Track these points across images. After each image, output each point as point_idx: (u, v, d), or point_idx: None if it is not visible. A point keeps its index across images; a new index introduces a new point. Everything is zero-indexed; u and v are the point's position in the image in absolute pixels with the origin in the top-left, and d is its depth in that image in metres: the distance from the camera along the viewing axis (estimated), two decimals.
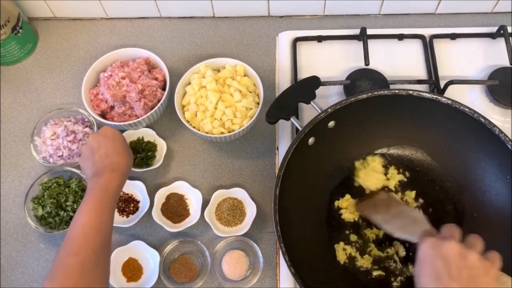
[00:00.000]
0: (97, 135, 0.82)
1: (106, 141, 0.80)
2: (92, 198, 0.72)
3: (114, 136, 0.82)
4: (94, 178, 0.75)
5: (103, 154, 0.78)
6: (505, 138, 0.73)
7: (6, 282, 0.86)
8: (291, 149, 0.74)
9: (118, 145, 0.81)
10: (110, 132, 0.82)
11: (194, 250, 0.86)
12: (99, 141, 0.80)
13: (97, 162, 0.78)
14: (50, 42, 1.09)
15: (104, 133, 0.82)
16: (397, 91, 0.77)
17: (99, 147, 0.80)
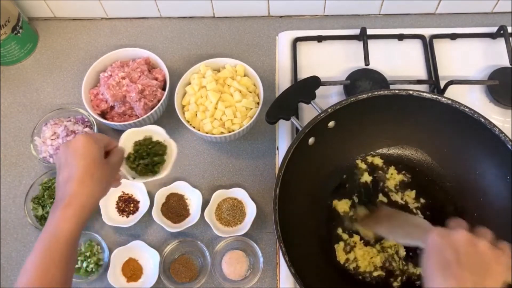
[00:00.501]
0: (65, 147, 0.64)
1: (71, 158, 0.62)
2: (37, 248, 0.58)
3: (83, 153, 0.62)
4: (49, 215, 0.61)
5: (64, 177, 0.62)
6: (505, 138, 0.73)
7: (6, 282, 0.86)
8: (291, 149, 0.74)
9: (83, 167, 0.62)
10: (79, 144, 0.63)
11: (194, 250, 0.86)
12: (65, 156, 0.63)
13: (57, 186, 0.63)
14: (50, 42, 1.09)
15: (73, 146, 0.63)
16: (397, 91, 0.77)
17: (62, 165, 0.64)
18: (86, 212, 0.61)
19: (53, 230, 0.58)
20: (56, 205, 0.61)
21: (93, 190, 0.62)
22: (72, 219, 0.59)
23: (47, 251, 0.57)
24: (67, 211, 0.59)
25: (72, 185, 0.61)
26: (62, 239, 0.58)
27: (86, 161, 0.62)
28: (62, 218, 0.59)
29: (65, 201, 0.60)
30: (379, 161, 0.88)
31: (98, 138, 0.66)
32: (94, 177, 0.62)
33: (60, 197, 0.61)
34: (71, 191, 0.60)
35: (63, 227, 0.59)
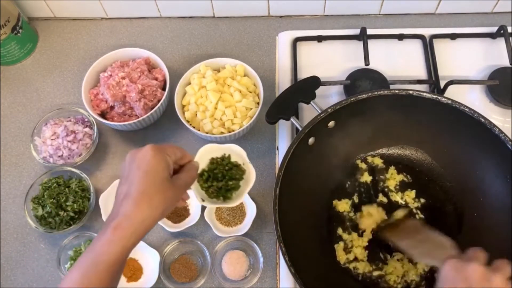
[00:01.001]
0: (133, 156, 0.59)
1: (134, 172, 0.57)
2: (78, 267, 0.54)
3: (147, 170, 0.56)
4: (100, 231, 0.56)
5: (123, 191, 0.57)
6: (505, 138, 0.73)
7: (6, 282, 0.86)
8: (291, 149, 0.74)
9: (143, 187, 0.56)
10: (146, 158, 0.57)
11: (194, 250, 0.85)
12: (130, 167, 0.58)
13: (116, 198, 0.58)
14: (50, 42, 1.09)
15: (139, 158, 0.57)
16: (397, 91, 0.77)
17: (124, 175, 0.58)
18: (136, 237, 0.55)
19: (97, 251, 0.54)
20: (109, 219, 0.56)
21: (149, 216, 0.55)
22: (119, 243, 0.54)
23: (87, 273, 0.54)
24: (116, 233, 0.54)
25: (127, 205, 0.55)
26: (104, 264, 0.53)
27: (147, 181, 0.56)
28: (108, 240, 0.54)
29: (116, 221, 0.54)
30: (379, 161, 0.88)
31: (169, 152, 0.60)
32: (153, 201, 0.56)
33: (114, 213, 0.56)
34: (125, 211, 0.55)
35: (108, 251, 0.53)
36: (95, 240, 0.55)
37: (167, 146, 0.60)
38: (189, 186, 0.62)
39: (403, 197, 0.85)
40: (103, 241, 0.54)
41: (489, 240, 0.77)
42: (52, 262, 0.87)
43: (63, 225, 0.86)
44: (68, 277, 0.54)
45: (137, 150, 0.59)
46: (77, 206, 0.87)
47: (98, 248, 0.54)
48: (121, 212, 0.55)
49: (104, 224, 0.57)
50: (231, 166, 0.67)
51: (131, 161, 0.58)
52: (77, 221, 0.87)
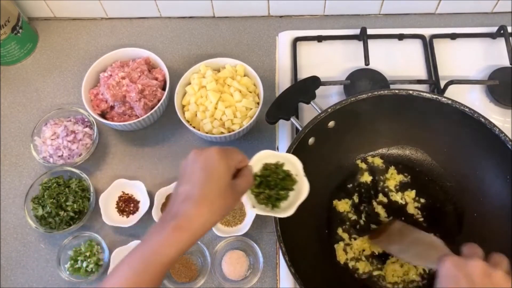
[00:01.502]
0: (196, 157, 0.58)
1: (197, 174, 0.56)
2: (130, 265, 0.53)
3: (211, 174, 0.56)
4: (155, 226, 0.55)
5: (183, 192, 0.56)
6: (505, 138, 0.73)
7: (6, 282, 0.86)
8: (291, 149, 0.74)
9: (206, 191, 0.55)
10: (211, 162, 0.56)
11: (194, 250, 0.85)
12: (192, 167, 0.57)
13: (174, 197, 0.57)
14: (50, 42, 1.09)
15: (203, 160, 0.57)
16: (397, 91, 0.77)
17: (186, 175, 0.58)
18: (192, 240, 0.55)
19: (153, 250, 0.53)
20: (165, 218, 0.55)
21: (208, 220, 0.55)
22: (176, 245, 0.53)
23: (140, 272, 0.52)
24: (175, 234, 0.53)
25: (188, 207, 0.54)
26: (159, 265, 0.53)
27: (211, 185, 0.55)
28: (166, 241, 0.53)
29: (176, 222, 0.54)
30: (379, 161, 0.88)
31: (233, 157, 0.59)
32: (214, 206, 0.55)
33: (173, 212, 0.55)
34: (185, 213, 0.54)
35: (164, 252, 0.53)
36: (150, 237, 0.54)
37: (230, 150, 0.59)
38: (245, 192, 0.61)
39: (403, 197, 0.85)
40: (161, 240, 0.53)
41: (489, 240, 0.77)
42: (52, 262, 0.87)
43: (63, 225, 0.86)
44: (118, 273, 0.53)
45: (202, 150, 0.58)
46: (77, 206, 0.87)
47: (154, 247, 0.53)
48: (181, 213, 0.54)
49: (160, 221, 0.56)
50: (284, 175, 0.66)
51: (194, 161, 0.58)
52: (77, 221, 0.87)
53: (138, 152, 0.96)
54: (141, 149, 0.96)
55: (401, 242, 0.74)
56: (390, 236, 0.77)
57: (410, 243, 0.72)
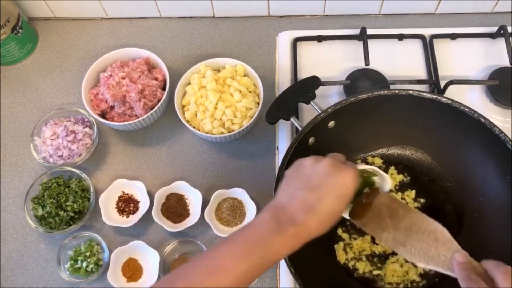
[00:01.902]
0: (330, 170, 0.57)
1: (328, 190, 0.56)
2: (245, 259, 0.53)
3: (345, 198, 0.57)
4: (270, 224, 0.55)
5: (306, 200, 0.56)
6: (505, 138, 0.73)
7: (6, 282, 0.86)
8: (291, 149, 0.74)
9: (334, 208, 0.56)
10: (346, 186, 0.56)
11: (194, 250, 0.85)
12: (325, 178, 0.57)
13: (293, 198, 0.57)
14: (50, 42, 1.09)
15: (338, 181, 0.56)
16: (397, 91, 0.77)
17: (311, 180, 0.57)
18: (301, 245, 0.56)
19: (270, 249, 0.54)
20: (283, 218, 0.55)
21: (325, 229, 0.57)
22: (289, 249, 0.55)
23: (254, 267, 0.53)
24: (292, 240, 0.55)
25: (311, 219, 0.55)
26: (269, 264, 0.55)
27: (339, 206, 0.56)
28: (283, 243, 0.54)
29: (296, 229, 0.54)
30: (379, 161, 0.88)
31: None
32: (334, 219, 0.57)
33: (290, 216, 0.55)
34: (307, 224, 0.55)
35: (278, 252, 0.55)
36: (263, 235, 0.55)
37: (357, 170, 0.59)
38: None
39: (403, 197, 0.85)
40: (278, 242, 0.54)
41: (489, 240, 0.78)
42: (52, 262, 0.87)
43: (63, 225, 0.86)
44: (232, 265, 0.53)
45: (340, 166, 0.57)
46: (77, 206, 0.87)
47: (271, 246, 0.54)
48: (302, 222, 0.55)
49: (274, 221, 0.56)
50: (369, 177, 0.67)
51: (328, 173, 0.57)
52: (77, 221, 0.87)
53: (138, 152, 0.96)
54: (141, 149, 0.96)
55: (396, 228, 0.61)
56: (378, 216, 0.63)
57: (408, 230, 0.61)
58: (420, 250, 0.59)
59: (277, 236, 0.54)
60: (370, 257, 0.82)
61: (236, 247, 0.55)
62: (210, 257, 0.54)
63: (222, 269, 0.53)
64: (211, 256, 0.54)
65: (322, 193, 0.56)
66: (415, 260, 0.60)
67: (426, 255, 0.59)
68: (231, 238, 0.56)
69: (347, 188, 0.56)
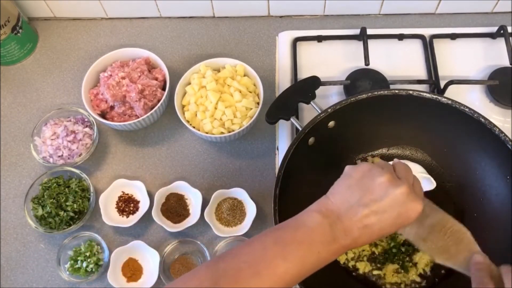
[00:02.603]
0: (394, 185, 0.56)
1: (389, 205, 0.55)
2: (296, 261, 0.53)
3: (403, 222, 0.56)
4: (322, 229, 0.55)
5: (364, 211, 0.55)
6: (505, 138, 0.73)
7: (6, 282, 0.86)
8: (291, 149, 0.74)
9: (388, 227, 0.56)
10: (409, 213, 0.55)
11: (194, 250, 0.85)
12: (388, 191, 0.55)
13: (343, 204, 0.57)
14: (50, 42, 1.09)
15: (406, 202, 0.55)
16: (397, 91, 0.77)
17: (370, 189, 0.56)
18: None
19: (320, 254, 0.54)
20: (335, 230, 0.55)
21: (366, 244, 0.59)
22: (332, 256, 0.56)
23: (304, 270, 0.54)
24: (338, 249, 0.55)
25: (364, 237, 0.56)
26: (315, 268, 0.55)
27: (393, 226, 0.56)
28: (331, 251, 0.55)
29: (347, 243, 0.55)
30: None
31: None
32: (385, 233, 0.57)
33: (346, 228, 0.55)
34: (359, 241, 0.56)
35: (329, 260, 0.56)
36: (319, 243, 0.55)
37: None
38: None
39: None
40: (329, 250, 0.55)
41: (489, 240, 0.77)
42: (52, 262, 0.87)
43: (63, 225, 0.86)
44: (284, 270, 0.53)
45: (411, 196, 0.56)
46: (77, 206, 0.87)
47: (323, 254, 0.55)
48: (356, 237, 0.55)
49: (332, 230, 0.55)
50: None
51: (392, 186, 0.55)
52: (77, 221, 0.87)
53: (138, 152, 0.96)
54: (141, 149, 0.96)
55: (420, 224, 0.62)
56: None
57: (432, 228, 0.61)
58: (441, 247, 0.60)
59: (330, 245, 0.55)
60: (370, 257, 0.82)
61: (289, 251, 0.54)
62: (257, 258, 0.53)
63: (272, 273, 0.52)
64: (258, 256, 0.53)
65: (383, 217, 0.55)
66: (434, 255, 0.61)
67: (446, 253, 0.60)
68: (281, 237, 0.55)
69: (410, 219, 0.56)
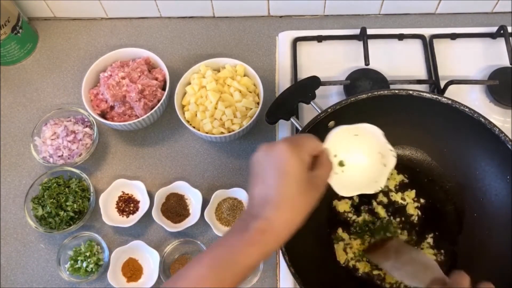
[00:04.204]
0: (266, 154, 0.54)
1: (270, 174, 0.53)
2: (209, 264, 0.51)
3: (285, 171, 0.52)
4: (234, 230, 0.53)
5: (260, 195, 0.53)
6: (505, 138, 0.73)
7: (6, 282, 0.86)
8: None
9: (283, 189, 0.52)
10: (282, 158, 0.52)
11: (194, 250, 0.85)
12: (264, 166, 0.54)
13: (251, 199, 0.54)
14: (50, 42, 1.09)
15: (274, 157, 0.53)
16: (397, 91, 0.77)
17: (258, 175, 0.54)
18: (277, 243, 0.52)
19: (236, 251, 0.50)
20: (245, 221, 0.52)
21: (292, 219, 0.52)
22: (260, 248, 0.51)
23: (222, 272, 0.50)
24: (258, 237, 0.51)
25: (269, 209, 0.51)
26: (241, 266, 0.50)
27: (287, 182, 0.52)
28: (249, 242, 0.50)
29: (259, 224, 0.51)
30: None
31: (304, 144, 0.55)
32: (295, 205, 0.52)
33: (253, 216, 0.52)
34: (267, 216, 0.51)
35: (247, 253, 0.51)
36: (230, 238, 0.52)
37: (300, 139, 0.54)
38: (326, 181, 0.57)
39: (403, 197, 0.85)
40: (244, 242, 0.51)
41: (489, 240, 0.78)
42: (52, 262, 0.87)
43: (63, 225, 0.86)
44: (195, 273, 0.50)
45: (270, 146, 0.54)
46: (77, 206, 0.87)
47: (236, 248, 0.51)
48: (263, 217, 0.51)
49: (239, 224, 0.53)
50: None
51: (265, 159, 0.53)
52: (77, 221, 0.87)
53: (138, 152, 0.96)
54: (141, 149, 0.96)
55: (396, 260, 0.73)
56: (387, 252, 0.75)
57: (405, 262, 0.71)
58: (411, 273, 0.69)
59: (240, 236, 0.51)
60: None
61: (202, 255, 0.52)
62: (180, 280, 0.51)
63: (184, 278, 0.50)
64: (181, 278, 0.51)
65: (269, 181, 0.52)
66: (405, 280, 0.70)
67: (413, 276, 0.68)
68: (201, 258, 0.52)
69: (285, 162, 0.52)
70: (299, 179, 0.52)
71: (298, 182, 0.52)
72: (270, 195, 0.52)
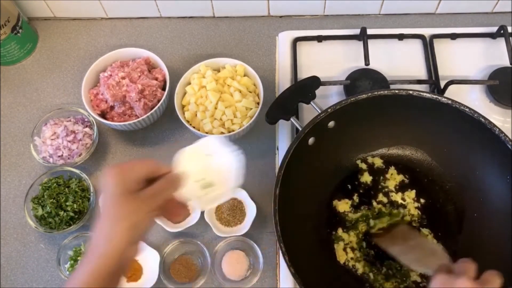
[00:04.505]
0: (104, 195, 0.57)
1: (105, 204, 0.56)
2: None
3: (104, 188, 0.56)
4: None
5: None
6: (505, 138, 0.73)
7: (6, 282, 0.86)
8: (291, 149, 0.74)
9: (103, 201, 0.56)
10: (104, 179, 0.56)
11: (194, 250, 0.85)
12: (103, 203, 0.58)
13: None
14: (50, 42, 1.09)
15: (103, 180, 0.57)
16: (397, 91, 0.77)
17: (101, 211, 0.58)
18: (106, 264, 0.53)
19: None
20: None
21: (109, 233, 0.53)
22: (88, 280, 0.52)
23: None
24: (84, 268, 0.53)
25: (95, 224, 0.55)
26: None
27: (105, 198, 0.55)
28: (78, 279, 0.53)
29: (87, 253, 0.54)
30: (379, 161, 0.88)
31: (133, 168, 0.58)
32: (111, 216, 0.54)
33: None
34: (94, 230, 0.55)
35: (83, 271, 0.53)
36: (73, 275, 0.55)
37: (131, 163, 0.59)
38: (160, 197, 0.59)
39: (403, 197, 0.85)
40: (83, 262, 0.55)
41: (489, 240, 0.78)
42: (52, 262, 0.87)
43: (63, 225, 0.86)
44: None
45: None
46: (77, 206, 0.87)
47: (81, 267, 0.54)
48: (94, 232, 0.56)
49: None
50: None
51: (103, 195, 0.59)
52: (77, 221, 0.87)
53: (138, 152, 0.96)
54: (141, 149, 0.96)
55: (403, 244, 0.75)
56: (394, 237, 0.78)
57: (412, 247, 0.73)
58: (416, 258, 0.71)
59: (84, 258, 0.55)
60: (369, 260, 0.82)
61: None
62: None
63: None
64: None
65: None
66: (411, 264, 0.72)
67: (420, 262, 0.70)
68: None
69: (104, 181, 0.55)
70: (113, 193, 0.55)
71: (113, 196, 0.55)
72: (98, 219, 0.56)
